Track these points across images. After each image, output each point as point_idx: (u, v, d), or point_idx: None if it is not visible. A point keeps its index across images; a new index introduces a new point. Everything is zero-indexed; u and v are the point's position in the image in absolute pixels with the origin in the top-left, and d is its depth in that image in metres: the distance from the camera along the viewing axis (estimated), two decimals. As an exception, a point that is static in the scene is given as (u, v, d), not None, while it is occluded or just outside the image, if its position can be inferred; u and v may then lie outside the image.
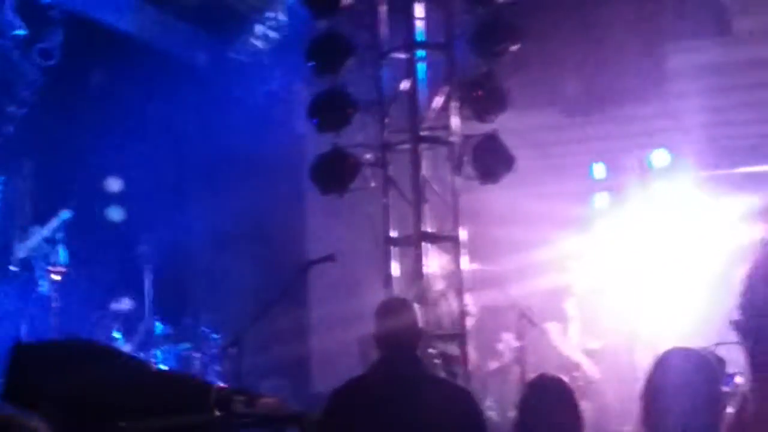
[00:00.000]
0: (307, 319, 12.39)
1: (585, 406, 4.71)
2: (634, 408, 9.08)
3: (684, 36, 11.45)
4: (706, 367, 3.99)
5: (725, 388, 4.48)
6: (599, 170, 11.95)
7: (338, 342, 11.02)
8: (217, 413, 6.14)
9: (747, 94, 11.77)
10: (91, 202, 11.47)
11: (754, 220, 9.19)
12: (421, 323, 4.99)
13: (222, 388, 6.56)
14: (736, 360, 7.51)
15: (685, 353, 4.09)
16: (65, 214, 11.13)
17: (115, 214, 12.40)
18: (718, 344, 7.16)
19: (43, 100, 11.47)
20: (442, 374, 7.25)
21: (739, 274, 4.11)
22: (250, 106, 12.53)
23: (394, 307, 5.15)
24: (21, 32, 11.04)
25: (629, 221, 11.42)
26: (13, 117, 11.42)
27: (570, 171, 11.76)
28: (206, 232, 11.95)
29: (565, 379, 4.99)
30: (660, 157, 11.38)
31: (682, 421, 3.84)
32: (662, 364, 4.05)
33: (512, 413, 4.82)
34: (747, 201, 10.89)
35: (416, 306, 5.08)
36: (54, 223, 11.14)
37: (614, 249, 11.32)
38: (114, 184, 12.30)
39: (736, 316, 4.00)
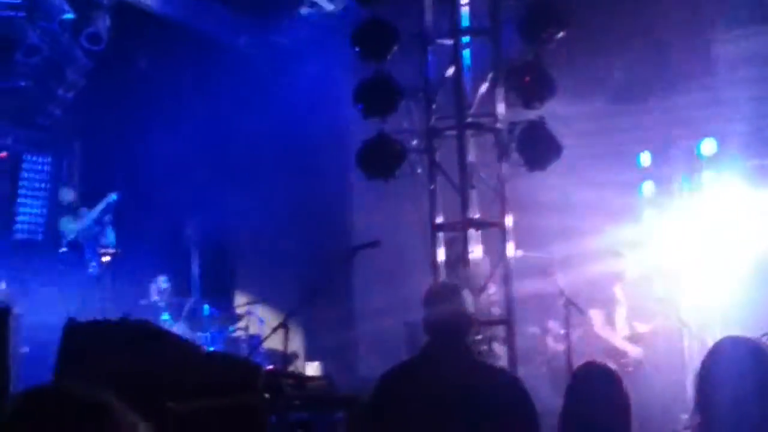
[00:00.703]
0: (352, 304, 12.44)
1: (631, 392, 4.69)
2: (681, 394, 9.03)
3: (731, 24, 11.33)
4: (759, 355, 3.98)
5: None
6: (645, 159, 11.85)
7: (384, 327, 11.05)
8: (266, 395, 6.19)
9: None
10: (139, 184, 11.58)
11: None
12: (470, 309, 4.97)
13: (271, 371, 6.62)
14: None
15: (738, 341, 4.07)
16: (113, 197, 11.28)
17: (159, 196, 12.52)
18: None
19: (91, 84, 11.61)
20: (489, 361, 7.24)
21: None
22: (294, 90, 12.58)
23: (443, 292, 5.13)
24: (69, 16, 11.17)
25: (676, 210, 11.33)
26: (63, 100, 11.58)
27: (617, 159, 11.66)
28: (252, 216, 12.02)
29: (613, 366, 4.98)
30: (707, 146, 11.27)
31: (736, 409, 3.83)
32: (715, 352, 4.04)
33: (560, 401, 4.80)
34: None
35: (465, 292, 5.05)
36: (102, 204, 11.29)
37: (662, 237, 11.24)
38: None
39: None
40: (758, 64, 11.15)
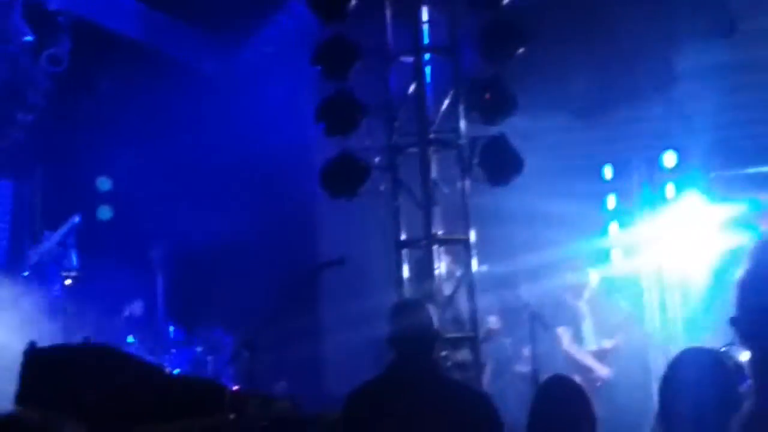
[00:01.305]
0: (318, 322, 12.41)
1: (598, 407, 4.71)
2: (647, 407, 9.07)
3: (693, 37, 11.44)
4: (719, 366, 4.01)
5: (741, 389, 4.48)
6: (608, 172, 11.95)
7: (350, 344, 11.03)
8: (232, 416, 6.17)
9: (756, 94, 11.75)
10: (102, 206, 11.51)
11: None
12: (435, 325, 4.98)
13: (236, 391, 6.60)
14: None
15: (699, 352, 4.11)
16: (76, 219, 11.19)
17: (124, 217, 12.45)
18: (731, 344, 7.20)
19: (52, 106, 11.52)
20: (455, 377, 7.24)
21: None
22: (258, 110, 12.57)
23: (409, 308, 5.15)
24: (29, 38, 11.09)
25: (638, 222, 11.43)
26: (23, 123, 11.46)
27: (580, 172, 11.74)
28: (217, 236, 11.97)
29: (580, 381, 5.00)
30: (668, 158, 11.38)
31: (697, 419, 3.86)
32: (677, 363, 4.08)
33: (525, 415, 4.82)
34: (756, 202, 10.91)
35: (431, 308, 5.07)
36: (65, 227, 11.20)
37: (625, 250, 11.32)
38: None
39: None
40: (719, 77, 11.26)
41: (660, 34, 11.60)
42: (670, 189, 11.37)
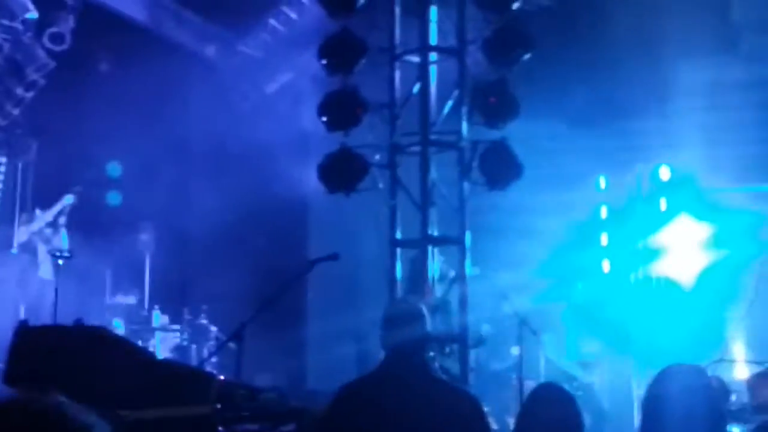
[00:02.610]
0: (305, 317, 12.40)
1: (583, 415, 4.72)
2: (629, 417, 9.11)
3: (690, 52, 11.49)
4: (706, 384, 4.02)
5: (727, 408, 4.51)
6: (602, 182, 11.98)
7: (336, 341, 11.03)
8: (218, 406, 6.14)
9: (749, 113, 11.80)
10: (94, 187, 11.45)
11: None
12: (428, 326, 4.98)
13: (223, 381, 6.56)
14: (731, 377, 7.60)
15: (685, 369, 4.12)
16: (68, 199, 11.13)
17: (115, 199, 12.41)
18: (719, 360, 7.25)
19: (51, 84, 11.47)
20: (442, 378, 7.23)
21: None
22: (257, 100, 12.54)
23: (403, 310, 5.14)
24: (33, 16, 11.05)
25: (629, 234, 11.46)
26: (21, 99, 11.42)
27: (574, 181, 11.76)
28: (208, 224, 11.94)
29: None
30: (663, 172, 11.42)
31: (681, 435, 3.87)
32: (663, 378, 4.08)
33: (510, 419, 4.82)
34: (746, 218, 10.96)
35: (424, 308, 5.06)
36: (57, 207, 11.14)
37: (614, 260, 11.36)
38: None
39: None
40: (714, 93, 11.32)
41: (658, 48, 11.66)
42: (663, 202, 11.40)
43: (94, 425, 1.72)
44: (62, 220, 11.14)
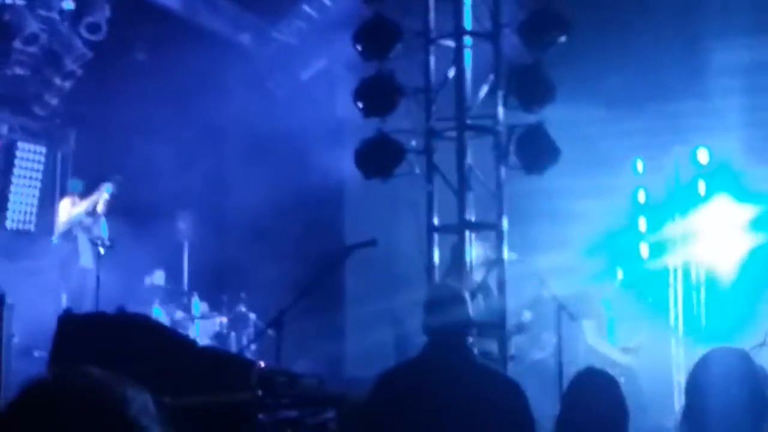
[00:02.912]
0: (343, 304, 12.43)
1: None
2: (670, 404, 9.06)
3: (727, 33, 11.36)
4: (750, 368, 3.98)
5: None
6: (639, 166, 11.89)
7: (374, 329, 11.05)
8: (259, 392, 6.18)
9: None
10: (134, 177, 11.52)
11: None
12: (471, 312, 4.96)
13: (264, 368, 6.60)
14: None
15: (728, 352, 4.07)
16: (108, 188, 11.20)
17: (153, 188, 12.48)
18: (760, 345, 7.18)
19: (89, 74, 11.55)
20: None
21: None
22: (292, 88, 12.56)
23: (445, 295, 5.12)
24: (69, 6, 11.12)
25: (668, 218, 11.38)
26: (59, 89, 11.52)
27: (612, 165, 11.69)
28: (245, 211, 11.99)
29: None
30: (701, 154, 11.32)
31: (726, 420, 3.83)
32: (705, 362, 4.03)
33: (548, 406, 4.80)
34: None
35: (467, 294, 5.04)
36: (95, 196, 11.21)
37: (653, 245, 11.28)
38: None
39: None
40: (752, 74, 11.18)
41: (694, 29, 11.55)
42: (701, 185, 11.30)
43: (130, 398, 1.74)
44: (102, 208, 11.21)
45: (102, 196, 11.16)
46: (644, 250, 11.41)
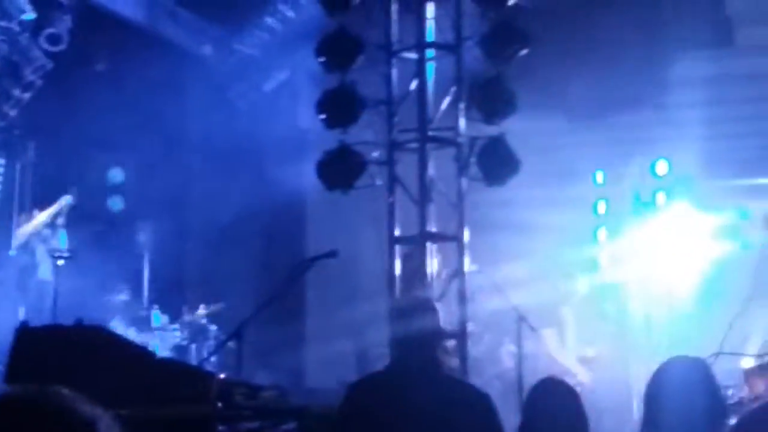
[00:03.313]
0: (304, 315, 12.41)
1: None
2: (628, 414, 9.11)
3: (687, 46, 11.50)
4: (708, 377, 4.02)
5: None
6: (599, 177, 11.98)
7: (334, 340, 11.04)
8: (219, 404, 6.14)
9: (747, 106, 11.82)
10: (93, 188, 11.44)
11: None
12: (440, 322, 4.96)
13: (224, 380, 6.55)
14: (731, 371, 7.59)
15: (686, 361, 4.12)
16: (67, 200, 11.10)
17: (116, 203, 12.40)
18: (716, 354, 7.24)
19: (48, 85, 11.45)
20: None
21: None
22: (254, 99, 12.54)
23: (413, 305, 5.11)
24: (30, 17, 11.03)
25: (627, 229, 11.45)
26: (18, 100, 11.40)
27: (572, 176, 11.76)
28: (206, 223, 11.95)
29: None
30: (660, 166, 11.42)
31: (682, 426, 3.87)
32: (663, 372, 4.07)
33: (509, 417, 4.82)
34: (744, 211, 10.96)
35: (437, 305, 5.05)
36: (55, 208, 11.10)
37: (614, 256, 11.36)
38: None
39: None
40: (713, 86, 11.32)
41: (655, 42, 11.67)
42: (660, 197, 11.39)
43: (98, 417, 1.73)
44: (61, 220, 11.11)
45: (61, 208, 11.06)
46: (604, 260, 11.48)
